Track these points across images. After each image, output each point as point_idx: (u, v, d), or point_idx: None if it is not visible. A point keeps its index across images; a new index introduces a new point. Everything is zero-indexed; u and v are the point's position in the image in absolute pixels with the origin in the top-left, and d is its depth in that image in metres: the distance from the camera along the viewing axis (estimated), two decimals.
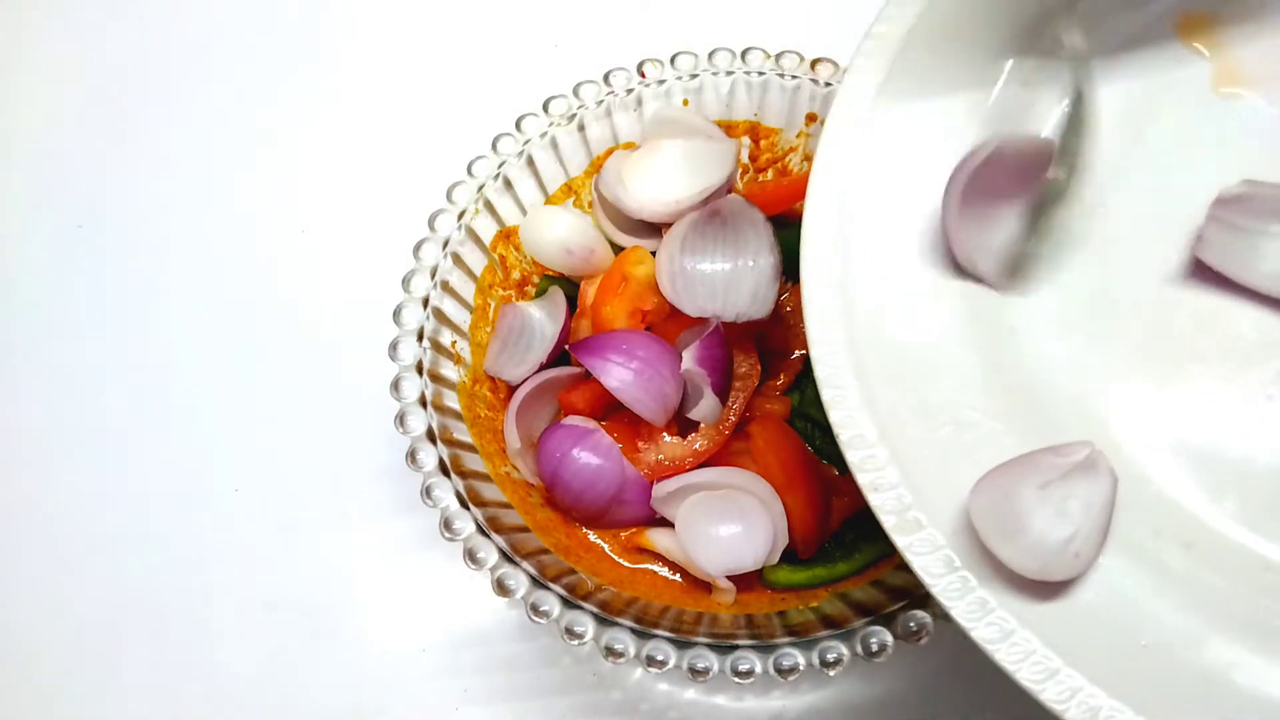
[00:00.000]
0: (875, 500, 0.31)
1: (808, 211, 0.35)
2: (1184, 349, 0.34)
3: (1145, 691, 0.27)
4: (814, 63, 0.47)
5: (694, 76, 0.48)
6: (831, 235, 0.35)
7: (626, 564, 0.43)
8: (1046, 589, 0.29)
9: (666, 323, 0.43)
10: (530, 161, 0.47)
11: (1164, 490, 0.32)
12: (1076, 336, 0.35)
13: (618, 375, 0.40)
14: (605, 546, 0.43)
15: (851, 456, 0.31)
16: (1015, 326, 0.35)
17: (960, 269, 0.36)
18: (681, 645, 0.35)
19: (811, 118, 0.48)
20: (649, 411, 0.41)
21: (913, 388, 0.33)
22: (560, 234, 0.44)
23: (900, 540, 0.30)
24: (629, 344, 0.41)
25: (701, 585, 0.42)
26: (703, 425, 0.42)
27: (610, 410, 0.43)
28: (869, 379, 0.33)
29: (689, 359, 0.40)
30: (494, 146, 0.46)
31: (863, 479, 0.31)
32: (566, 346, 0.44)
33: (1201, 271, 0.35)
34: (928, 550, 0.30)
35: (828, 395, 0.32)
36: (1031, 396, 0.34)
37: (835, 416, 0.32)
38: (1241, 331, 0.34)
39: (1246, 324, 0.34)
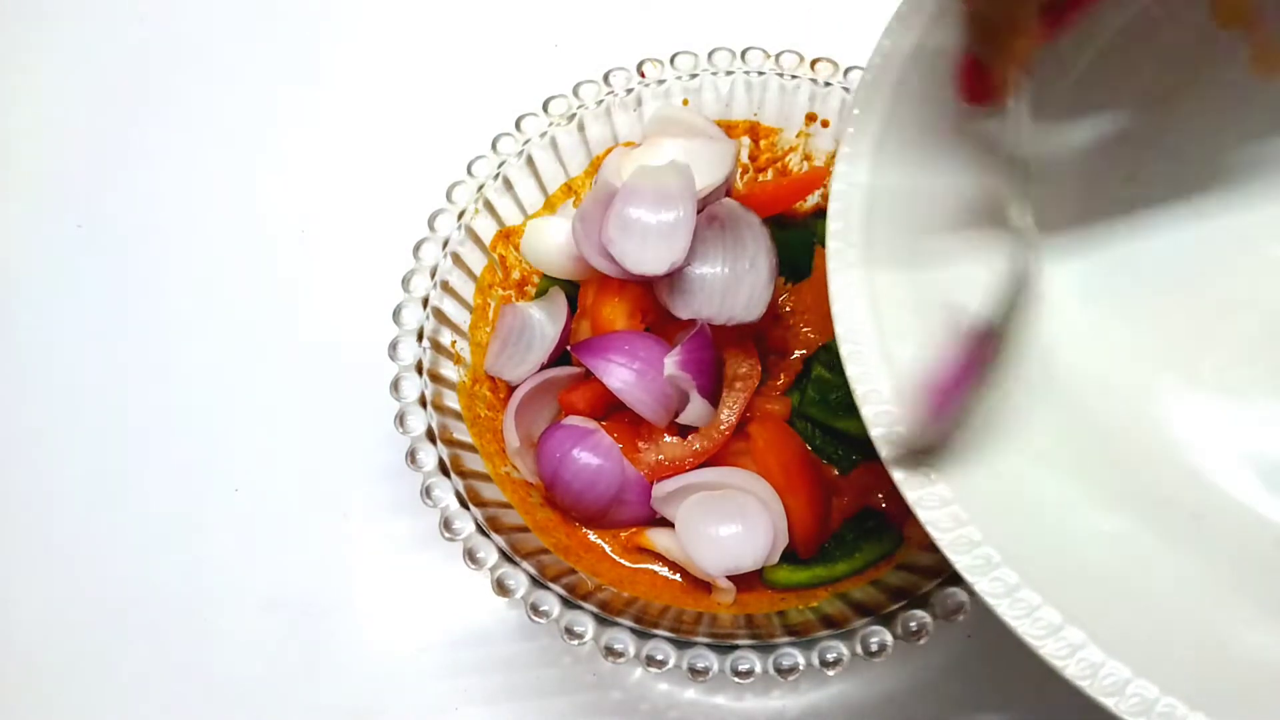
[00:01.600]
0: (888, 454, 0.31)
1: (837, 168, 0.35)
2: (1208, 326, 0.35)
3: (1146, 652, 0.28)
4: (813, 62, 0.47)
5: (693, 76, 0.48)
6: (860, 194, 0.35)
7: (626, 564, 0.43)
8: (1056, 549, 0.30)
9: (667, 324, 0.43)
10: (530, 161, 0.47)
11: (1185, 460, 0.33)
12: (1101, 305, 0.35)
13: (620, 376, 0.40)
14: (605, 546, 0.43)
15: (866, 411, 0.32)
16: (1042, 293, 0.35)
17: (993, 225, 0.35)
18: (681, 645, 0.35)
19: (811, 117, 0.48)
20: (651, 412, 0.41)
21: None
22: (562, 240, 0.44)
23: (910, 495, 0.31)
24: (631, 345, 0.41)
25: (701, 585, 0.42)
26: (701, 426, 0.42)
27: (610, 410, 0.43)
28: (888, 336, 0.33)
29: (671, 364, 0.39)
30: (494, 146, 0.46)
31: (876, 434, 0.31)
32: (568, 347, 0.44)
33: None
34: (936, 505, 0.30)
35: (845, 350, 0.33)
36: (1049, 363, 0.34)
37: (852, 371, 0.32)
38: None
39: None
